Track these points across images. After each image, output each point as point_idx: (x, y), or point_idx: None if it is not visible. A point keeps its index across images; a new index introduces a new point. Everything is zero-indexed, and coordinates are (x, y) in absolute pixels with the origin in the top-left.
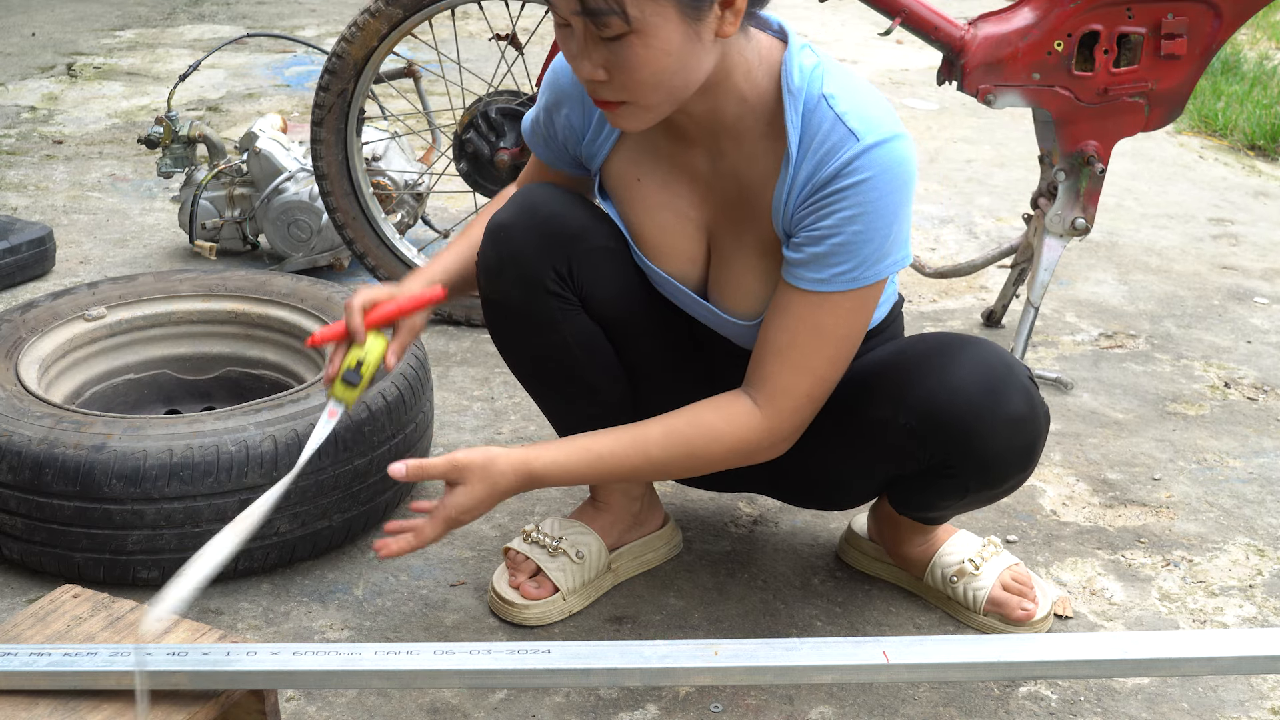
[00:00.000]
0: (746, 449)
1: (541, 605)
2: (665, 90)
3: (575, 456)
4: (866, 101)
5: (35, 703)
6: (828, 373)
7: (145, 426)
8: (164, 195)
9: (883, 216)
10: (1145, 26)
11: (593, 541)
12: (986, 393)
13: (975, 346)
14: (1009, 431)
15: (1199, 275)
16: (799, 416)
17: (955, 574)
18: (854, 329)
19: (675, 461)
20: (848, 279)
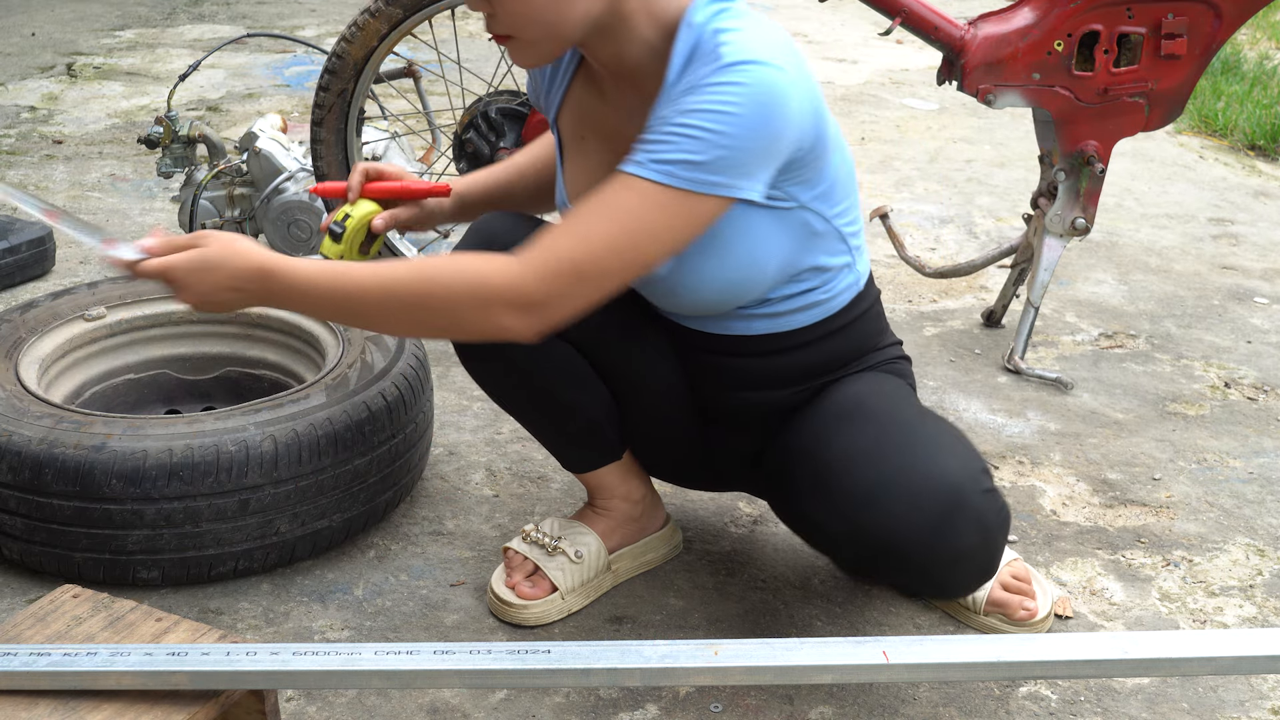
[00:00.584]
0: (487, 293)
1: (540, 605)
2: (541, 25)
3: (318, 270)
4: (756, 38)
5: (35, 703)
6: (603, 253)
7: (145, 426)
8: (164, 195)
9: (725, 122)
10: (1145, 26)
11: (592, 541)
12: (933, 529)
13: (919, 456)
14: (960, 565)
15: (1199, 275)
16: (554, 282)
17: None
18: (654, 228)
19: (404, 288)
20: (662, 169)
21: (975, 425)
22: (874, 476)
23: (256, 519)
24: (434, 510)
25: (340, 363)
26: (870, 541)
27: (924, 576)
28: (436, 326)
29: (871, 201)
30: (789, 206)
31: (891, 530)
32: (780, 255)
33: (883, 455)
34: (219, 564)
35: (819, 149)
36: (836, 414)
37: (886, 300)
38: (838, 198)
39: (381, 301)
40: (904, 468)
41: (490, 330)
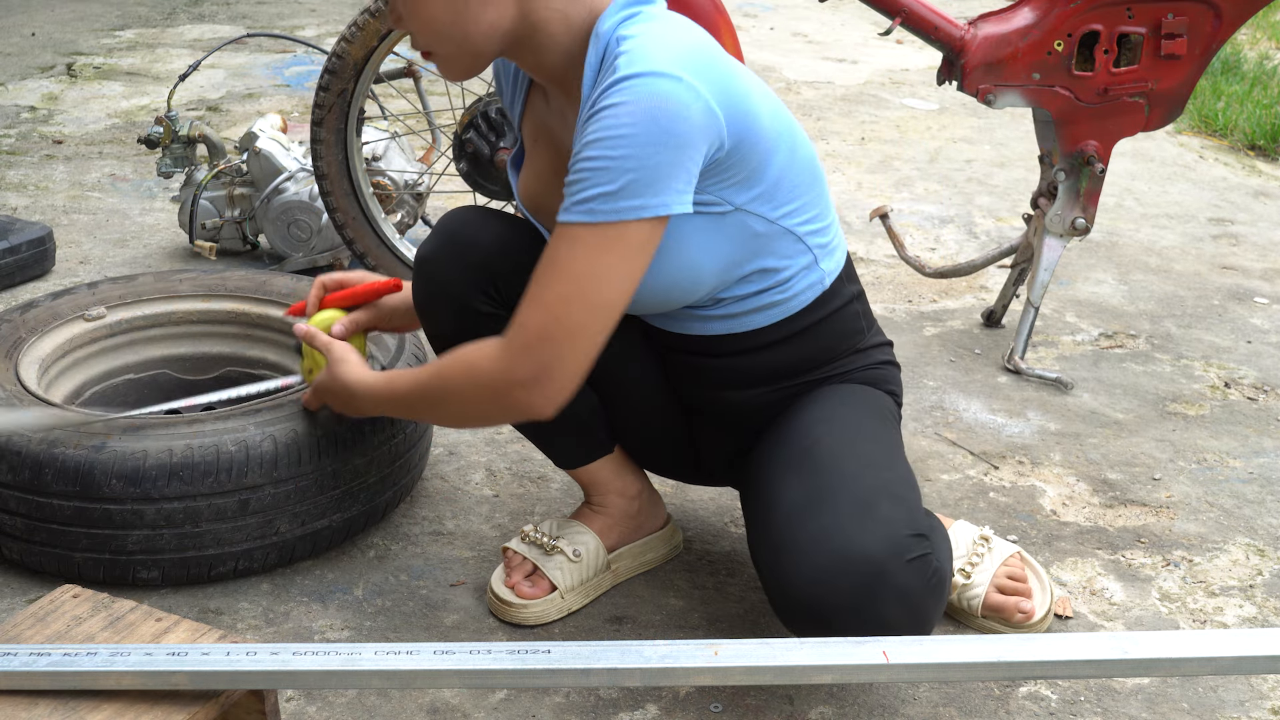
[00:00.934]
0: (480, 378)
1: (539, 604)
2: (451, 40)
3: (386, 385)
4: (655, 43)
5: (35, 703)
6: (560, 311)
7: (145, 426)
8: (164, 195)
9: (621, 146)
10: (1145, 26)
11: (590, 540)
12: (852, 603)
13: (845, 523)
14: (887, 630)
15: (1199, 275)
16: (533, 355)
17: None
18: (594, 270)
19: (430, 387)
20: (583, 210)
21: (975, 425)
22: (803, 544)
23: (256, 519)
24: (434, 510)
25: None
26: (798, 609)
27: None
28: (460, 417)
29: (871, 201)
30: (724, 210)
31: (816, 603)
32: (718, 258)
33: (815, 520)
34: (219, 564)
35: (744, 150)
36: (792, 451)
37: (886, 300)
38: (784, 198)
39: (423, 404)
40: (830, 538)
41: (511, 414)
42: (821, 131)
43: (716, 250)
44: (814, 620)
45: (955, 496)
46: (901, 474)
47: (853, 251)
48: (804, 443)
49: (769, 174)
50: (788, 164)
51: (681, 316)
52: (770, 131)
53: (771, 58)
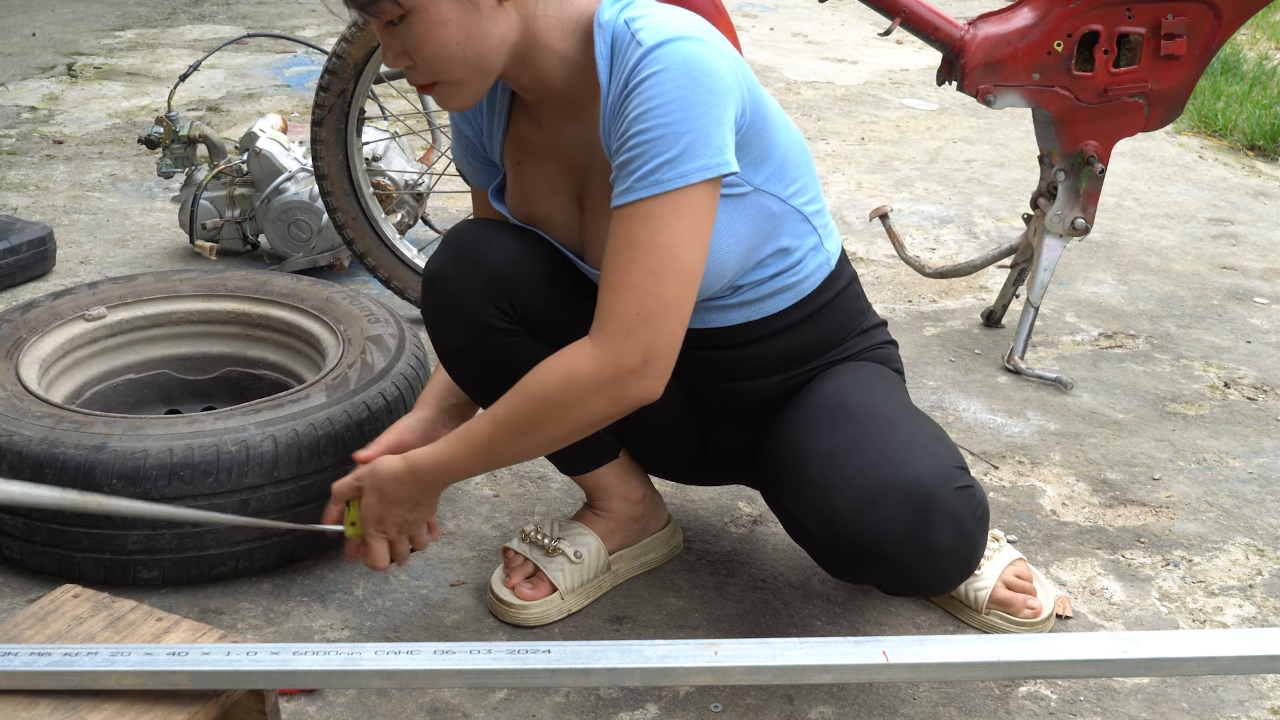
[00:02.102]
0: (585, 380)
1: (540, 605)
2: (461, 62)
3: (447, 445)
4: (667, 16)
5: (35, 703)
6: (654, 287)
7: (145, 426)
8: (164, 195)
9: (673, 111)
10: (1145, 26)
11: (592, 542)
12: (907, 531)
13: (893, 457)
14: (938, 563)
15: (1199, 275)
16: (638, 338)
17: None
18: (675, 239)
19: (523, 413)
20: (649, 183)
21: (975, 425)
22: (848, 477)
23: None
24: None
25: (340, 363)
26: (847, 541)
27: (903, 575)
28: (568, 431)
29: (871, 201)
30: (743, 191)
31: (866, 531)
32: (741, 242)
33: (858, 456)
34: (219, 564)
35: (759, 122)
36: (819, 411)
37: (886, 300)
38: (790, 176)
39: (507, 439)
40: (876, 468)
41: (625, 405)
42: (821, 131)
43: (739, 234)
44: (864, 553)
45: None
46: (933, 424)
47: (853, 252)
48: (830, 403)
49: (777, 151)
50: (788, 142)
51: (699, 310)
52: (773, 107)
53: (771, 58)
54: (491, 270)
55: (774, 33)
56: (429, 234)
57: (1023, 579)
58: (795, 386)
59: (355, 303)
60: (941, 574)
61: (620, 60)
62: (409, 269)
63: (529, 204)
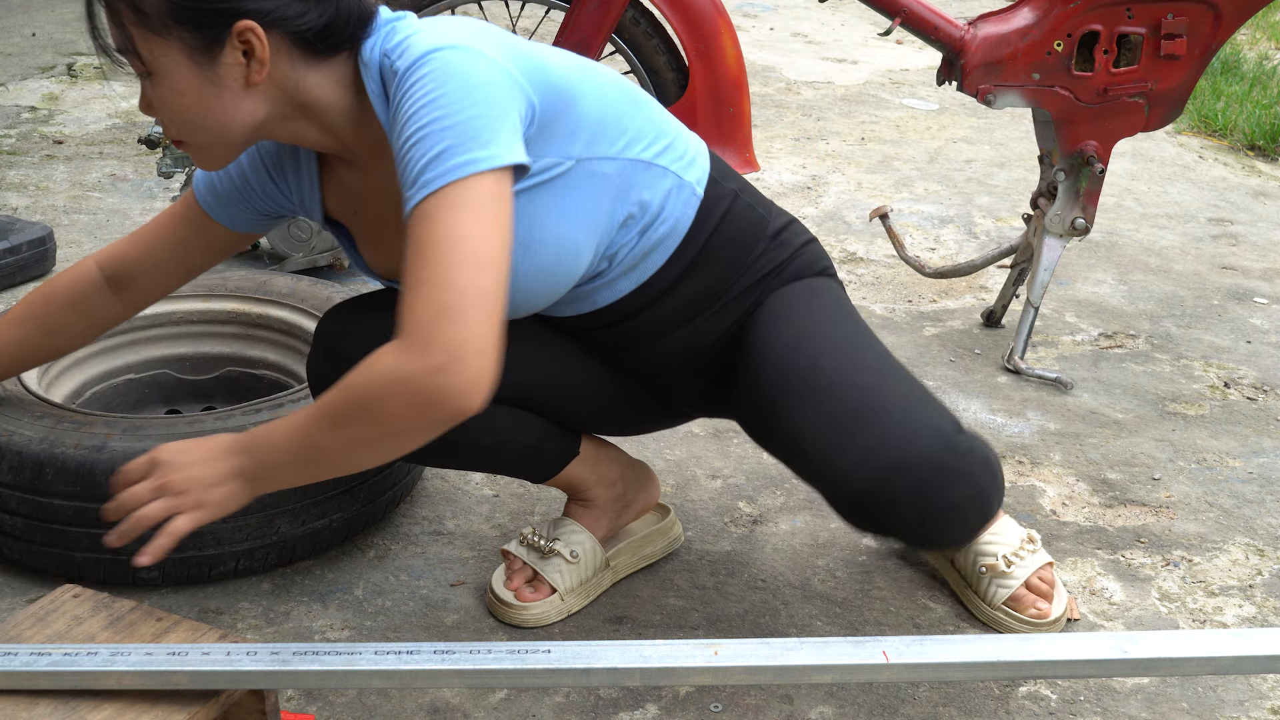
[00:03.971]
0: (386, 373)
1: (540, 606)
2: (199, 130)
3: (271, 423)
4: (426, 32)
5: (35, 703)
6: (444, 279)
7: (145, 426)
8: (164, 195)
9: (434, 110)
10: (1145, 26)
11: (585, 539)
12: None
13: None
14: (960, 523)
15: (1199, 275)
16: (440, 334)
17: (987, 566)
18: (456, 231)
19: (336, 402)
20: (421, 184)
21: (975, 425)
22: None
23: (256, 518)
24: (434, 510)
25: None
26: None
27: (925, 538)
28: (375, 433)
29: (871, 201)
30: (565, 168)
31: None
32: (585, 217)
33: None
34: (219, 564)
35: (557, 105)
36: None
37: (886, 300)
38: (613, 133)
39: (321, 426)
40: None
41: (438, 411)
42: (821, 132)
43: (581, 209)
44: (885, 525)
45: None
46: (911, 381)
47: (852, 252)
48: (800, 367)
49: (588, 115)
50: (600, 99)
51: (588, 294)
52: (566, 77)
53: (771, 58)
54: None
55: (774, 33)
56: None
57: (1045, 582)
58: (725, 318)
59: None
60: (964, 529)
61: (391, 94)
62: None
63: (386, 250)
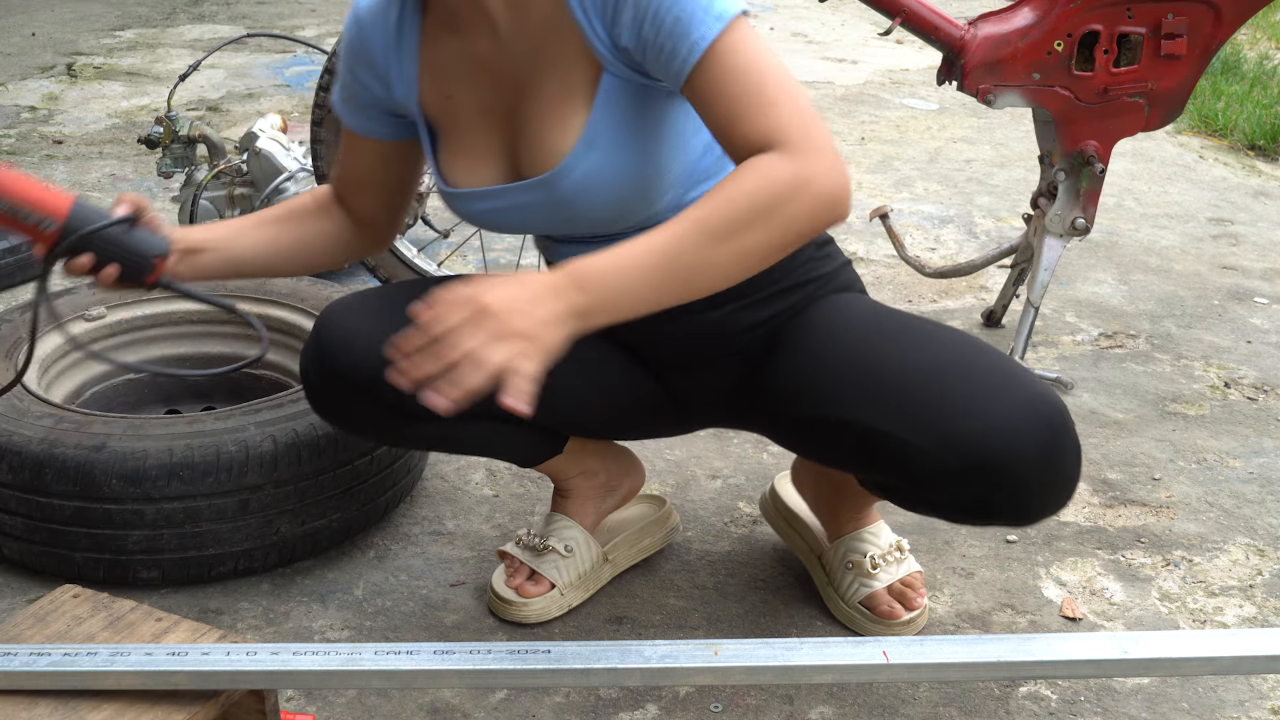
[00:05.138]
0: (783, 178)
1: (540, 601)
2: None
3: (611, 251)
4: None
5: (35, 703)
6: (796, 91)
7: (145, 426)
8: (164, 195)
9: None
10: (1145, 26)
11: (577, 533)
12: (1045, 445)
13: (1012, 373)
14: (1061, 477)
15: (1199, 275)
16: (817, 139)
17: (853, 563)
18: (767, 55)
19: (723, 213)
20: (711, 21)
21: None
22: (974, 399)
23: (256, 519)
24: (434, 510)
25: None
26: (970, 466)
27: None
28: (764, 239)
29: (871, 201)
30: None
31: (999, 456)
32: (684, 126)
33: (977, 378)
34: (219, 564)
35: None
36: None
37: (887, 300)
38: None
39: (699, 242)
40: (1007, 391)
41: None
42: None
43: (685, 116)
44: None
45: None
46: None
47: (852, 252)
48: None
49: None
50: None
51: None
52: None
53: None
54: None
55: (774, 33)
56: (429, 234)
57: (906, 585)
58: (758, 317)
59: None
60: (1059, 500)
61: None
62: (409, 269)
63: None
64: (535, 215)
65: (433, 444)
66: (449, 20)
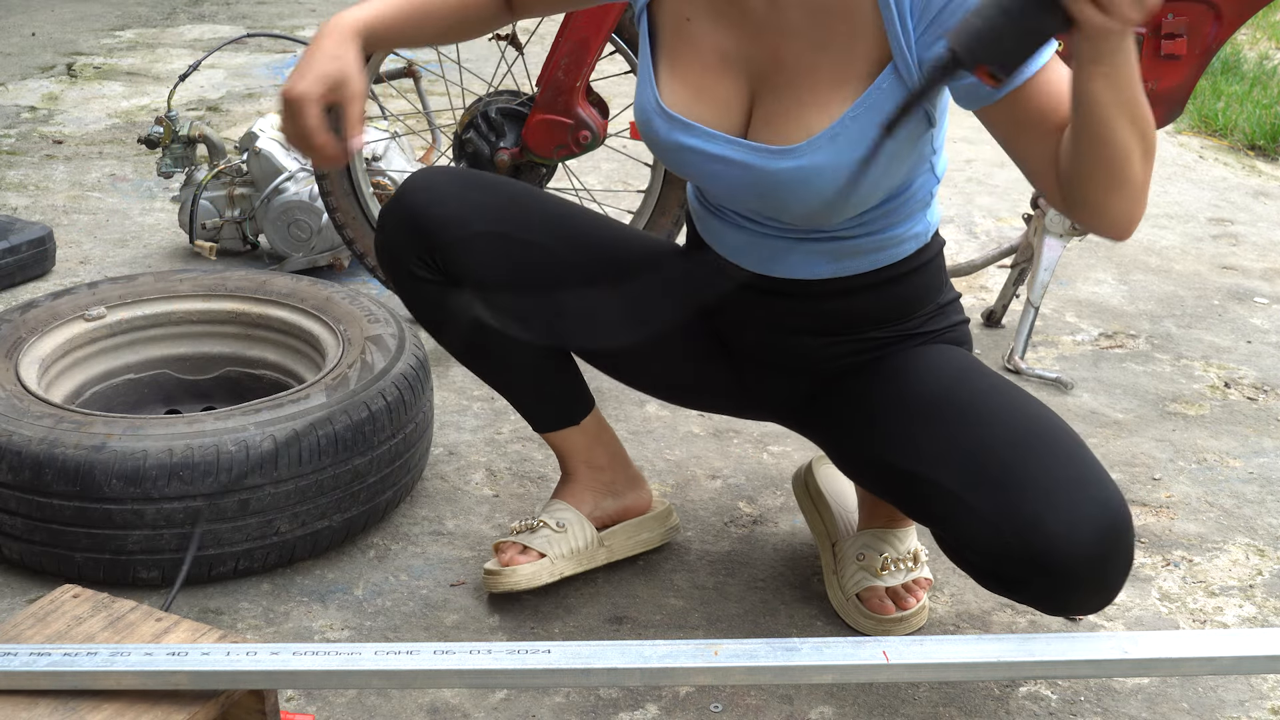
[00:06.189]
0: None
1: (529, 567)
2: None
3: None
4: None
5: (35, 703)
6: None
7: (145, 426)
8: (164, 195)
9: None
10: (1145, 26)
11: (570, 514)
12: (1102, 551)
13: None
14: (1101, 595)
15: (1199, 275)
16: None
17: (864, 558)
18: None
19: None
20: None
21: None
22: (1046, 486)
23: (256, 519)
24: (434, 510)
25: (340, 363)
26: (1025, 551)
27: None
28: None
29: None
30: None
31: (1060, 547)
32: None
33: (1055, 468)
34: (219, 564)
35: None
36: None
37: None
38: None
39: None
40: (1082, 485)
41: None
42: None
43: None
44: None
45: None
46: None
47: None
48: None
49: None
50: None
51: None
52: None
53: None
54: (423, 224)
55: None
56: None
57: (909, 594)
58: (856, 351)
59: (355, 303)
60: (1095, 604)
61: None
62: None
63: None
64: (735, 178)
65: (473, 340)
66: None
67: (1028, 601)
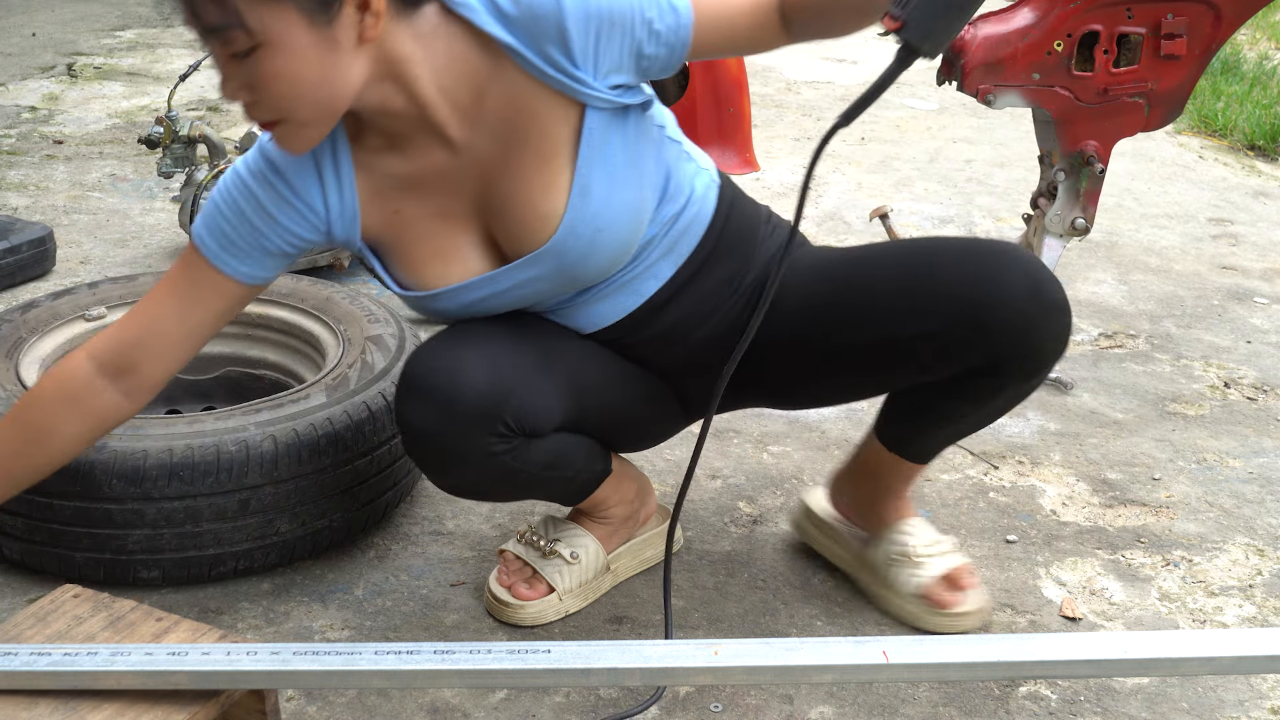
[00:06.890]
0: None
1: (537, 605)
2: (312, 103)
3: None
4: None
5: (35, 703)
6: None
7: (145, 426)
8: (164, 195)
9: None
10: (1145, 26)
11: (590, 544)
12: (1033, 293)
13: (1003, 249)
14: (1055, 321)
15: (1199, 275)
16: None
17: (899, 554)
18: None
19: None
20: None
21: None
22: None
23: (257, 519)
24: (434, 510)
25: (340, 363)
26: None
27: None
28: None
29: (871, 201)
30: (643, 100)
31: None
32: (650, 161)
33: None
34: (219, 564)
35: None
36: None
37: None
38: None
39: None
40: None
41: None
42: (822, 131)
43: (651, 153)
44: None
45: (955, 496)
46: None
47: None
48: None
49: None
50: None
51: (631, 282)
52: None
53: (771, 58)
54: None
55: None
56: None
57: (958, 581)
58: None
59: (355, 303)
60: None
61: (516, 12)
62: None
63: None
64: (542, 286)
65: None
66: (386, 144)
67: (1014, 377)
